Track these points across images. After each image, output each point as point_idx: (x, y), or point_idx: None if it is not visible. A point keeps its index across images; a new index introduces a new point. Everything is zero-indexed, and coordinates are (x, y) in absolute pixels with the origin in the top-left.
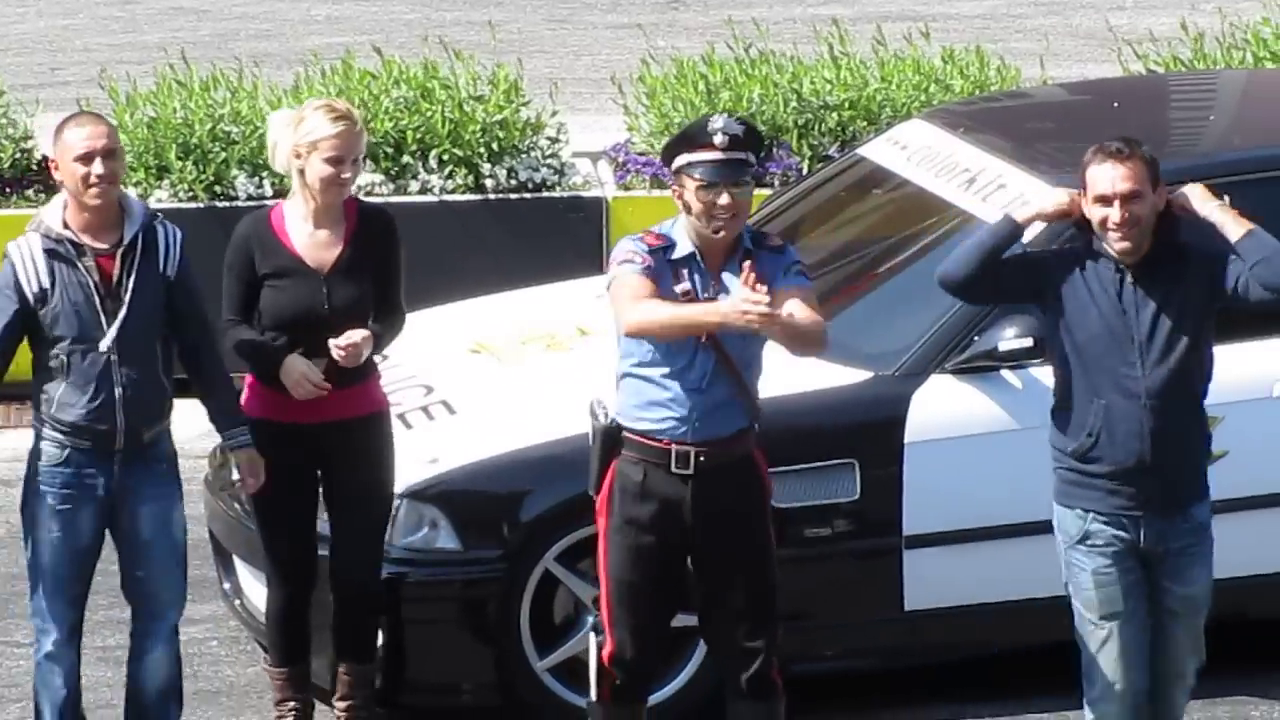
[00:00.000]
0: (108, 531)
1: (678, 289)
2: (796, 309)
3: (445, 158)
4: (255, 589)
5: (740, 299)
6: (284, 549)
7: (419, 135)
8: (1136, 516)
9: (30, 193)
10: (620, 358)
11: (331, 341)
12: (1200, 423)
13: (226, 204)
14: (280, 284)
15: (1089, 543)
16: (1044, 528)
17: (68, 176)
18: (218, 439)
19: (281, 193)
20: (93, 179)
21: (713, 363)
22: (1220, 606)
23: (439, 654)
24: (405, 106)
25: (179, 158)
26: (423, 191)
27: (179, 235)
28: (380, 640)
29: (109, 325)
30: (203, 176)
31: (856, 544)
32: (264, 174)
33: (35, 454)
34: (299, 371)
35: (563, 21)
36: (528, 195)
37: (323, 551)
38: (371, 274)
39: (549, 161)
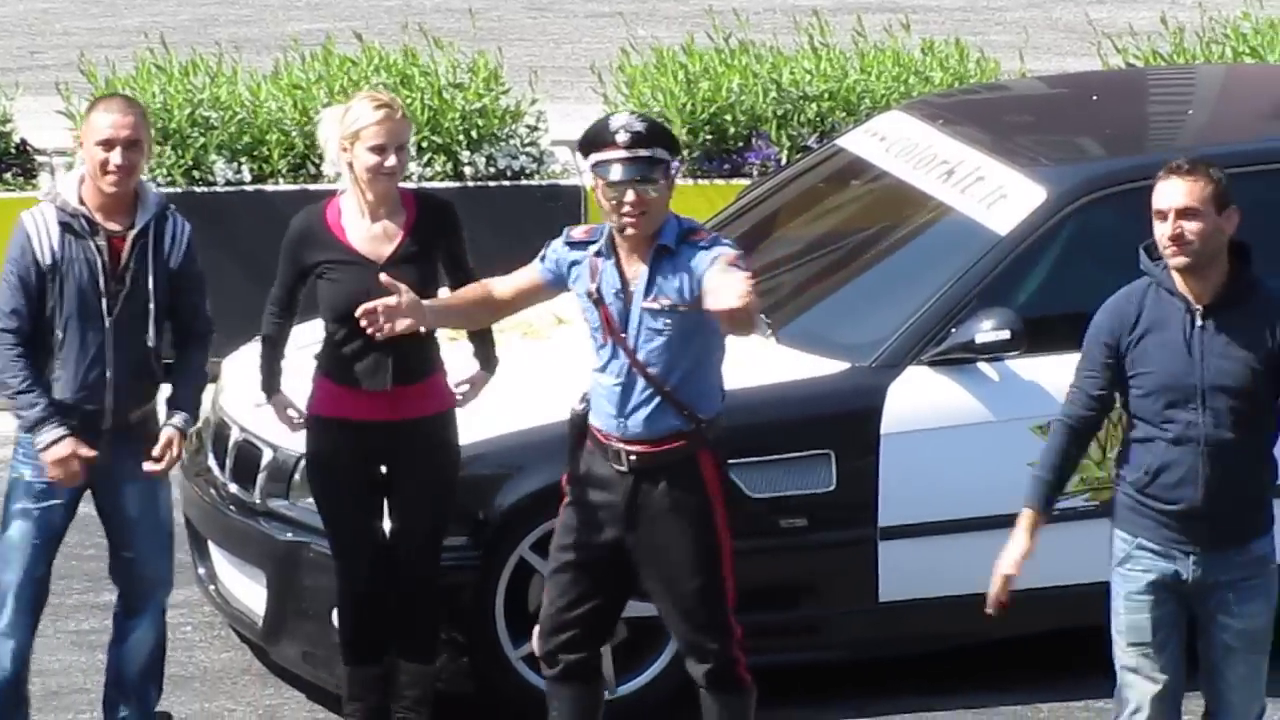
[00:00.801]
0: (96, 514)
1: (587, 288)
2: (712, 277)
3: (424, 145)
4: (230, 575)
5: None
6: (359, 544)
7: None
8: (1186, 550)
9: (9, 176)
10: None
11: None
12: (1264, 467)
13: (205, 189)
14: (335, 276)
15: (1127, 566)
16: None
17: (89, 157)
18: (193, 426)
19: (260, 178)
20: (111, 166)
21: (627, 363)
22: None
23: None
24: (387, 91)
25: (158, 142)
26: (403, 179)
27: (187, 228)
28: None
29: (110, 306)
30: (181, 161)
31: (832, 535)
32: (242, 159)
33: (20, 435)
34: (279, 410)
35: (543, 9)
36: (506, 183)
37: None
38: (433, 264)
39: (528, 150)
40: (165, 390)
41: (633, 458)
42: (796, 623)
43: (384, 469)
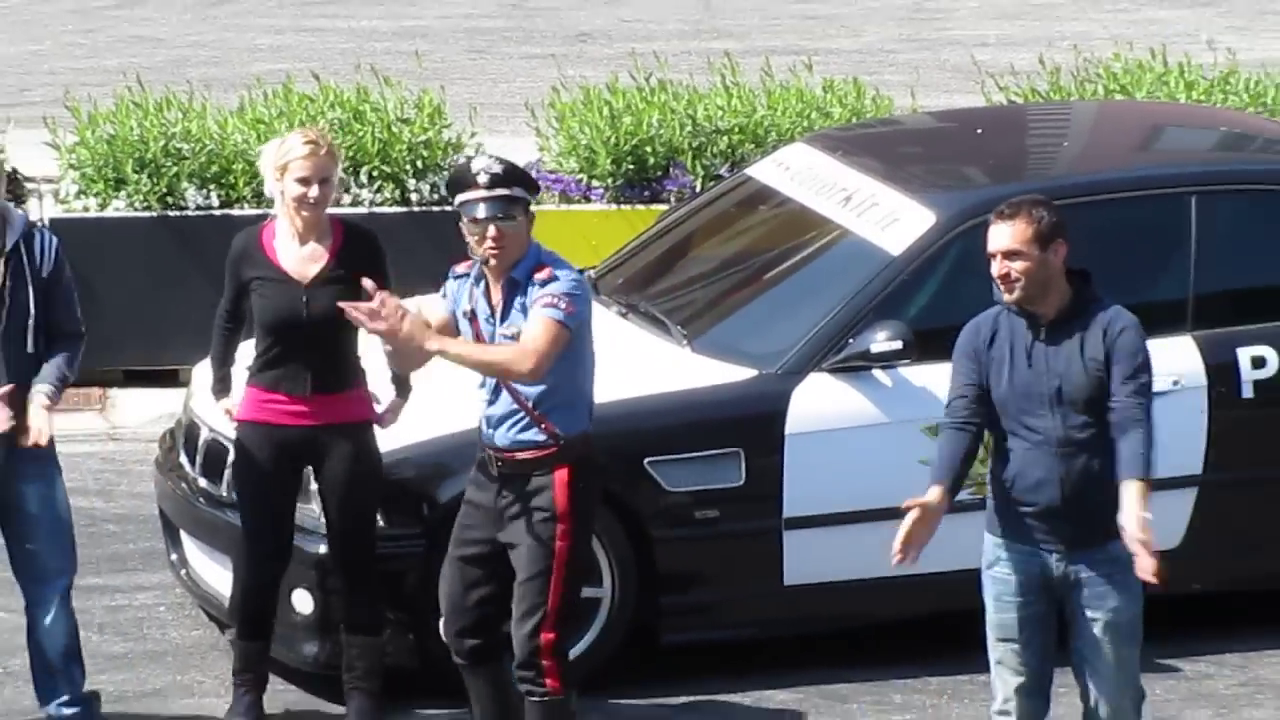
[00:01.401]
0: None
1: (464, 308)
2: (528, 326)
3: (375, 174)
4: (200, 560)
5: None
6: (265, 536)
7: (351, 153)
8: (1050, 549)
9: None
10: None
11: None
12: (1111, 461)
13: (177, 213)
14: (265, 292)
15: (995, 570)
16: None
17: None
18: (167, 425)
19: (227, 203)
20: None
21: (494, 382)
22: None
23: None
24: (339, 127)
25: (135, 171)
26: (354, 204)
27: (54, 241)
28: (311, 609)
29: None
30: (156, 188)
31: (741, 525)
32: (211, 187)
33: None
34: (224, 408)
35: (482, 52)
36: (449, 208)
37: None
38: (355, 286)
39: None
40: (128, 396)
41: (500, 464)
42: (709, 604)
43: (310, 468)
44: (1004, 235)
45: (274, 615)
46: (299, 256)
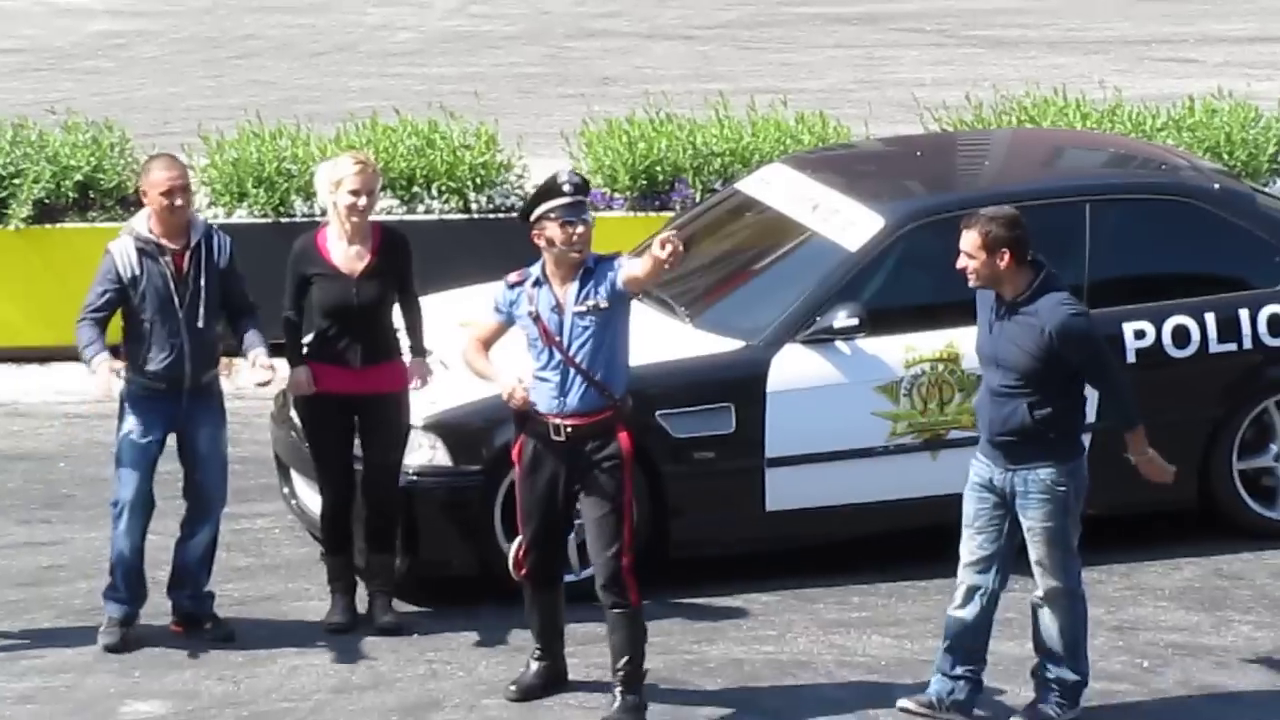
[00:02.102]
0: (177, 450)
1: (529, 309)
2: (627, 267)
3: (443, 189)
4: (305, 492)
5: (505, 385)
6: (335, 479)
7: (424, 172)
8: (997, 465)
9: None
10: None
11: (416, 378)
12: (1039, 417)
13: (288, 220)
14: (322, 285)
15: (972, 469)
16: (866, 452)
17: (153, 201)
18: (279, 386)
19: (325, 212)
20: (174, 208)
21: (561, 360)
22: None
23: (437, 540)
24: (415, 152)
25: (254, 186)
26: (427, 213)
27: (228, 240)
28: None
29: (180, 302)
30: (271, 200)
31: (731, 464)
32: (313, 199)
33: (125, 392)
34: (300, 377)
35: (528, 92)
36: (502, 215)
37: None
38: (393, 279)
39: (517, 191)
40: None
41: (569, 429)
42: (707, 526)
43: (356, 419)
44: (964, 240)
45: (351, 536)
46: (348, 255)
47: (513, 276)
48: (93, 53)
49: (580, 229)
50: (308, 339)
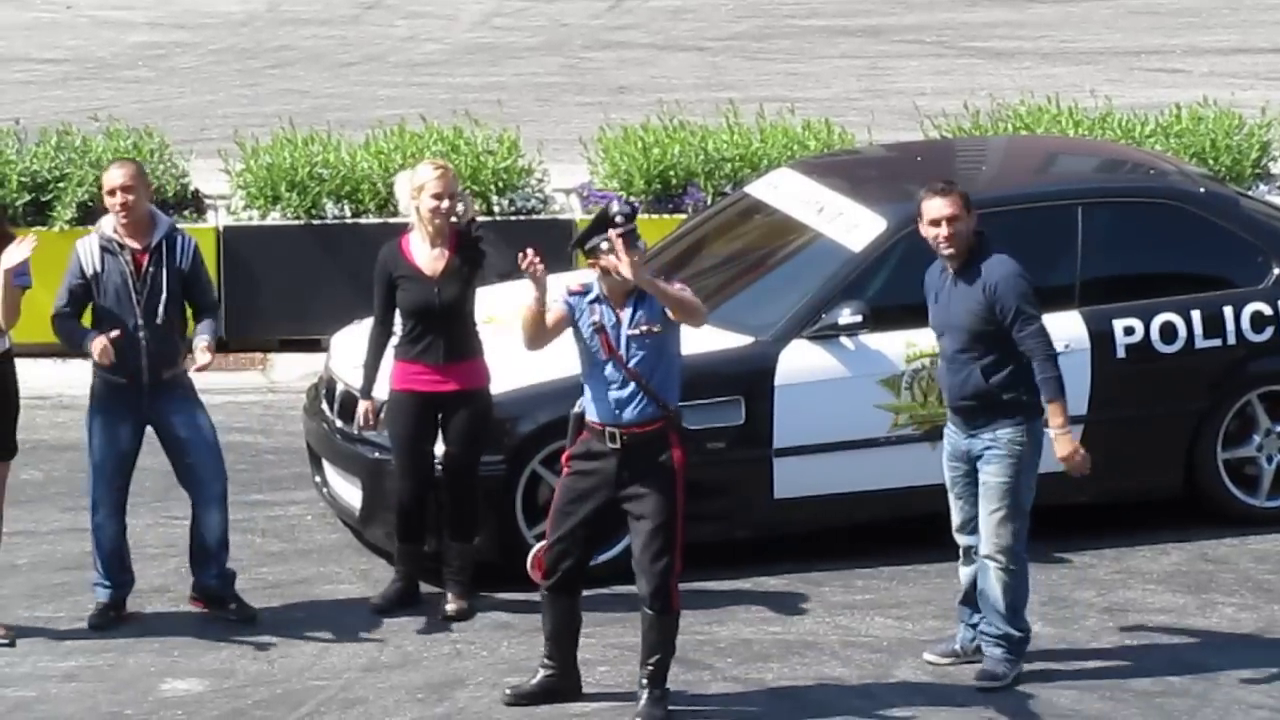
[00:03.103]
0: (160, 444)
1: (592, 320)
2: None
3: (466, 191)
4: (337, 481)
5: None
6: (414, 472)
7: None
8: (960, 429)
9: (186, 214)
10: None
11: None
12: (995, 379)
13: (319, 221)
14: (407, 286)
15: (946, 441)
16: (869, 443)
17: (107, 201)
18: (312, 380)
19: (356, 214)
20: (118, 206)
21: (621, 372)
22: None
23: None
24: (440, 157)
25: (287, 190)
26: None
27: (193, 241)
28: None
29: (138, 299)
30: (303, 203)
31: (742, 453)
32: (344, 202)
33: (92, 388)
34: (363, 409)
35: (548, 100)
36: (523, 217)
37: None
38: (471, 277)
39: (536, 194)
40: (283, 358)
41: (625, 438)
42: (720, 512)
43: (440, 415)
44: (945, 205)
45: (425, 528)
46: (430, 258)
47: (574, 285)
48: (133, 63)
49: (634, 256)
50: (394, 341)
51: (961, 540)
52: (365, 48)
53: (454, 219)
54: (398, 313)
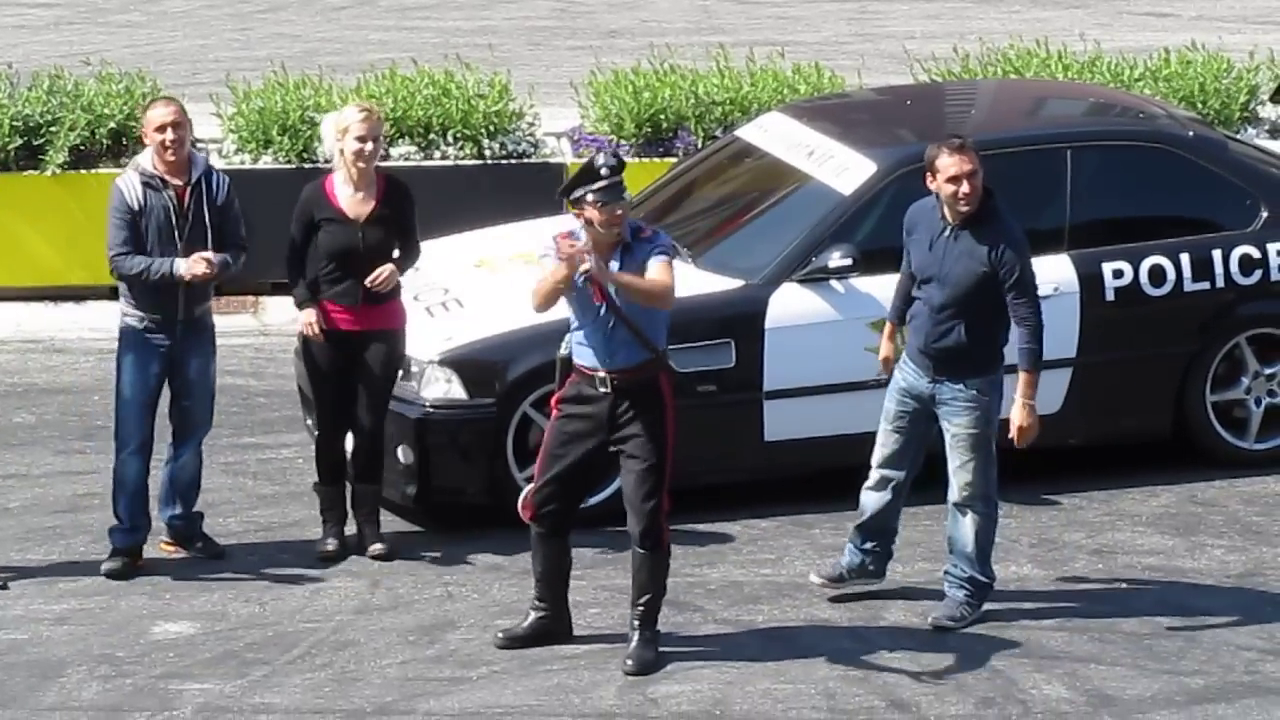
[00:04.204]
0: (168, 376)
1: (583, 268)
2: (650, 270)
3: (458, 136)
4: None
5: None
6: (330, 410)
7: (440, 120)
8: (925, 373)
9: None
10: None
11: (368, 280)
12: (973, 333)
13: (310, 166)
14: (329, 229)
15: (896, 374)
16: (859, 385)
17: (151, 138)
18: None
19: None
20: (168, 142)
21: (611, 317)
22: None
23: (452, 469)
24: (431, 101)
25: (278, 134)
26: (443, 159)
27: (227, 179)
28: (411, 460)
29: (180, 235)
30: (295, 147)
31: (733, 396)
32: None
33: (124, 326)
34: (307, 319)
35: (538, 44)
36: (514, 161)
37: None
38: (396, 224)
39: (528, 138)
40: (277, 303)
41: (616, 381)
42: (710, 455)
43: (354, 354)
44: (965, 161)
45: (344, 467)
46: (354, 201)
47: (561, 233)
48: (125, 7)
49: (618, 210)
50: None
51: (884, 471)
52: None
53: None
54: (314, 254)
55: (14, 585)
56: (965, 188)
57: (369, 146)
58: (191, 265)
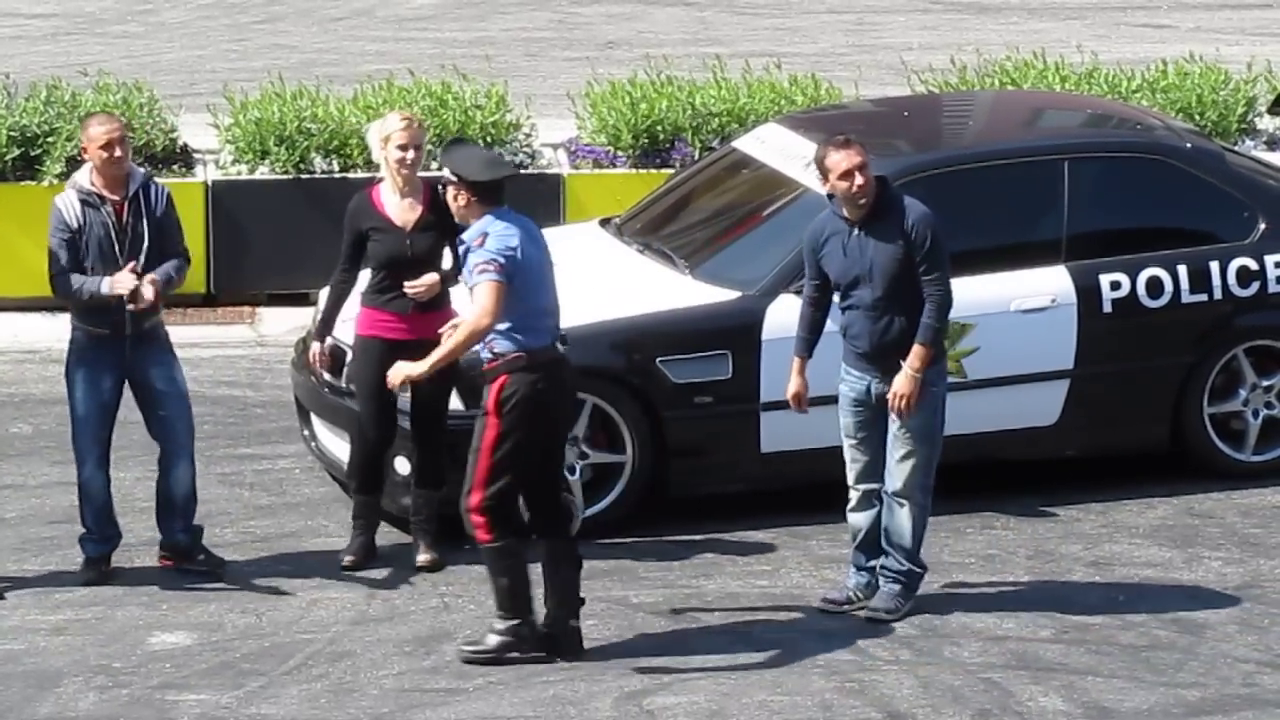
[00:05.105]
0: (133, 395)
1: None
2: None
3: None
4: (326, 435)
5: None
6: (378, 421)
7: (437, 131)
8: (870, 376)
9: (175, 168)
10: None
11: (406, 284)
12: (915, 318)
13: (307, 176)
14: (378, 238)
15: (843, 386)
16: None
17: (94, 155)
18: (300, 333)
19: (344, 169)
20: (112, 158)
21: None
22: (981, 450)
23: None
24: (429, 112)
25: (276, 145)
26: (440, 168)
27: (166, 190)
28: (408, 472)
29: (121, 249)
30: (291, 158)
31: (729, 408)
32: (332, 156)
33: (72, 341)
34: (312, 353)
35: (535, 55)
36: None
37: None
38: (444, 231)
39: (524, 149)
40: (267, 314)
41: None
42: (705, 467)
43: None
44: (856, 153)
45: (383, 478)
46: (400, 209)
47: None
48: (122, 18)
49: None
50: (362, 289)
51: (862, 486)
52: (353, 2)
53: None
54: (365, 263)
55: (10, 596)
56: (859, 179)
57: (410, 154)
58: (114, 284)
